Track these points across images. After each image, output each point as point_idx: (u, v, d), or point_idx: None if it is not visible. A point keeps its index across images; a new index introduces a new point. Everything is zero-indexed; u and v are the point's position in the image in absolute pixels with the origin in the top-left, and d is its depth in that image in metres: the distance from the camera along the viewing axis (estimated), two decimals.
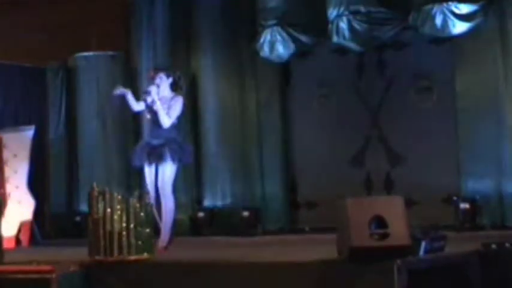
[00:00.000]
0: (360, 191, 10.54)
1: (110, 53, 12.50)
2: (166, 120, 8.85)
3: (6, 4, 13.12)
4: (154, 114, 8.94)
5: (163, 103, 8.90)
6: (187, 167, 10.09)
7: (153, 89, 8.93)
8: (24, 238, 11.00)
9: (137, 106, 9.09)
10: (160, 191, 8.88)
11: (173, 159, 8.82)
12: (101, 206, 7.49)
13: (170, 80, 9.11)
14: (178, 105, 8.96)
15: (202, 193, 11.45)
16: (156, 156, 8.86)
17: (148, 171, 8.98)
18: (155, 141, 8.92)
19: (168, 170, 8.83)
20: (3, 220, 8.88)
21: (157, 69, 9.27)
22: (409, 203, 6.45)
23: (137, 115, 11.94)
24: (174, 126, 9.00)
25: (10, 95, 12.51)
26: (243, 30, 11.39)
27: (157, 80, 9.00)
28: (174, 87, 9.08)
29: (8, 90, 12.50)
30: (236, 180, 11.28)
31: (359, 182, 10.72)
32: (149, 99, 8.96)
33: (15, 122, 12.01)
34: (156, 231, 9.19)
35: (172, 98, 8.99)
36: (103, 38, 12.41)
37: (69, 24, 12.89)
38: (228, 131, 11.29)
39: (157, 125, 8.92)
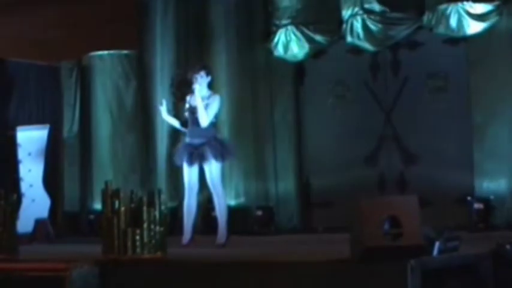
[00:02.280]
0: (373, 191, 10.52)
1: (124, 51, 12.54)
2: (205, 119, 8.93)
3: (20, 3, 13.18)
4: (193, 114, 9.03)
5: (202, 101, 9.00)
6: None
7: (196, 87, 9.01)
8: (39, 236, 11.05)
9: (171, 119, 9.24)
10: (212, 191, 9.03)
11: (216, 158, 8.91)
12: (114, 204, 7.51)
13: (209, 78, 9.20)
14: (216, 103, 9.06)
15: None
16: (198, 156, 8.95)
17: (188, 171, 9.07)
18: (196, 141, 9.01)
19: (214, 169, 8.93)
20: (18, 218, 8.94)
21: (198, 67, 9.35)
22: (422, 203, 6.41)
23: (151, 114, 11.99)
24: (213, 125, 9.12)
25: (25, 94, 12.57)
26: (257, 29, 11.40)
27: (198, 78, 9.08)
28: (211, 85, 9.20)
29: (23, 88, 12.55)
30: (250, 179, 11.29)
31: (372, 181, 10.70)
32: (188, 100, 9.09)
33: (31, 121, 12.07)
34: (180, 230, 9.28)
35: (209, 97, 9.08)
36: (117, 37, 12.45)
37: (83, 22, 12.94)
38: (241, 130, 11.29)
39: (196, 124, 9.00)
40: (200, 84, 9.08)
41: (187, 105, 9.20)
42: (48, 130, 11.53)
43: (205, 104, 9.04)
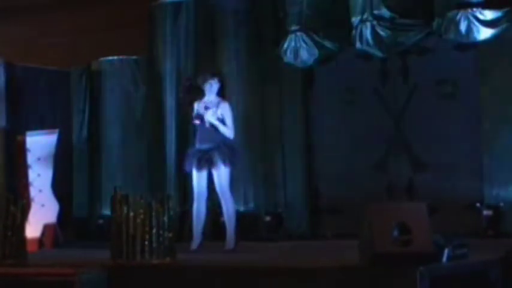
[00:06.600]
0: (382, 197, 10.50)
1: (134, 57, 12.55)
2: (229, 131, 8.99)
3: (31, 8, 13.22)
4: (203, 120, 9.03)
5: (211, 107, 9.00)
6: None
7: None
8: (48, 241, 11.07)
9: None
10: (221, 196, 9.05)
11: (224, 163, 8.92)
12: (123, 209, 7.52)
13: (219, 84, 9.20)
14: (228, 112, 9.09)
15: None
16: (207, 161, 8.96)
17: (197, 177, 9.08)
18: (205, 146, 9.02)
19: (223, 175, 8.95)
20: (27, 223, 8.97)
21: (211, 74, 9.35)
22: (431, 210, 6.41)
23: (160, 120, 12.00)
24: None
25: (35, 99, 12.59)
26: (266, 36, 11.39)
27: (214, 85, 9.10)
28: (221, 92, 9.20)
29: (33, 93, 12.57)
30: (258, 185, 11.28)
31: (381, 188, 10.67)
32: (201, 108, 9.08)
33: (40, 126, 12.08)
34: (189, 235, 9.30)
35: (219, 104, 9.09)
36: (127, 42, 12.47)
37: (93, 28, 12.97)
38: (250, 136, 11.28)
39: (206, 129, 9.00)
40: (211, 91, 9.10)
41: (195, 112, 9.21)
42: (57, 135, 11.54)
43: (220, 113, 9.05)
